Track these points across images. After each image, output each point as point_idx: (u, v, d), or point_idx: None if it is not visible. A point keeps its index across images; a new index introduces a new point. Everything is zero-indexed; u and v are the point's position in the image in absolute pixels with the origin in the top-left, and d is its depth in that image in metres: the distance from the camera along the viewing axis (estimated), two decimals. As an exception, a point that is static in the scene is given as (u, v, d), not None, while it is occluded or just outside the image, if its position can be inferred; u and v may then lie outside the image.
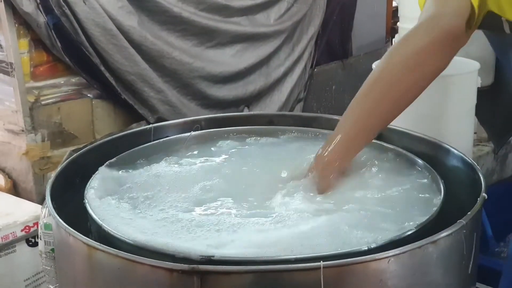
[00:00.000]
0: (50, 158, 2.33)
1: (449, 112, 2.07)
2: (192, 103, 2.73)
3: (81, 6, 2.31)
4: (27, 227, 2.10)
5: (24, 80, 2.26)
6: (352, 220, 0.96)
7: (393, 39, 3.45)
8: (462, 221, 0.91)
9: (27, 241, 2.12)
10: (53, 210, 0.95)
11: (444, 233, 0.89)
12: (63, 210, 1.01)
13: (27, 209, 2.16)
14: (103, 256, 0.86)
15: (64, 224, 0.91)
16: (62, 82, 2.39)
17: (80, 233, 0.90)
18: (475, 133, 2.67)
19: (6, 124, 2.34)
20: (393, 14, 3.88)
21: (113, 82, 2.46)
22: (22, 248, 2.11)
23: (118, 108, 2.54)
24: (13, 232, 2.07)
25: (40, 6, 2.22)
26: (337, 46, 3.55)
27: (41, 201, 2.31)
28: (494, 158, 2.81)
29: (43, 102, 2.32)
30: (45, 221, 1.32)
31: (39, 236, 1.32)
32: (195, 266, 0.80)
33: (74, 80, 2.41)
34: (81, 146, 2.36)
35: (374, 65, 2.51)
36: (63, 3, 2.27)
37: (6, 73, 2.26)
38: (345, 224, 0.94)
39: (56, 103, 2.37)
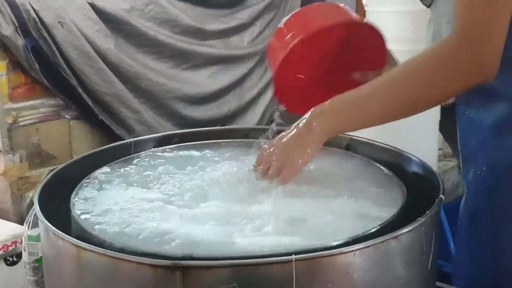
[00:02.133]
0: (28, 178, 2.38)
1: (413, 127, 2.17)
2: (168, 123, 2.80)
3: (59, 29, 2.39)
4: (5, 246, 2.14)
5: (3, 101, 2.32)
6: (320, 222, 1.03)
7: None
8: (421, 219, 0.99)
9: (5, 260, 2.15)
10: (42, 215, 1.01)
11: (404, 229, 0.97)
12: (48, 219, 1.07)
13: (5, 229, 2.20)
14: (91, 256, 0.91)
15: (53, 228, 0.97)
16: (40, 103, 2.45)
17: (65, 239, 0.96)
18: (440, 149, 2.79)
19: (-16, 145, 2.38)
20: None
21: (91, 103, 2.53)
22: (0, 268, 2.14)
23: (96, 129, 2.60)
24: (-9, 251, 2.11)
25: (18, 29, 2.29)
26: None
27: (19, 221, 2.35)
28: (459, 173, 2.92)
29: (21, 123, 2.38)
30: (29, 233, 1.37)
31: (23, 247, 1.37)
32: (177, 261, 0.87)
33: (52, 101, 2.48)
34: (59, 166, 2.42)
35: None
36: (41, 26, 2.34)
37: (-15, 95, 2.31)
38: (314, 225, 1.02)
39: (34, 124, 2.43)
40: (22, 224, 2.21)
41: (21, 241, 2.13)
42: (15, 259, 2.14)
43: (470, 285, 1.25)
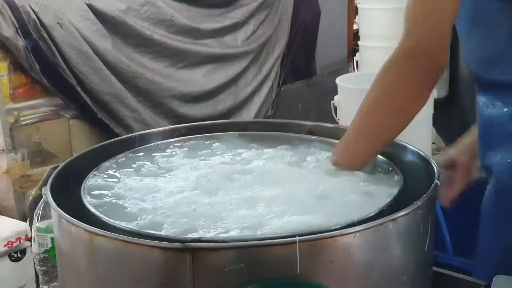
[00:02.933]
0: (30, 176, 2.42)
1: (407, 121, 2.22)
2: (165, 121, 2.85)
3: (58, 30, 2.43)
4: (9, 243, 2.18)
5: (4, 101, 2.36)
6: (327, 206, 1.08)
7: (354, 58, 3.64)
8: (418, 203, 1.04)
9: (10, 256, 2.20)
10: (54, 204, 1.05)
11: (402, 212, 1.01)
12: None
13: (9, 226, 2.24)
14: (104, 240, 0.95)
15: (66, 215, 1.01)
16: (41, 103, 2.50)
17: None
18: (433, 143, 2.85)
19: (-14, 144, 2.42)
20: (354, 36, 4.08)
21: (89, 102, 2.57)
22: (5, 263, 2.19)
23: (94, 127, 2.65)
24: (-4, 247, 2.15)
25: (19, 30, 2.33)
26: (301, 66, 3.72)
27: (21, 218, 2.39)
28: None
29: (22, 123, 2.43)
30: (38, 225, 1.41)
31: (32, 239, 1.41)
32: (187, 244, 0.91)
33: (52, 101, 2.53)
34: (60, 164, 2.46)
35: (338, 81, 2.68)
36: (41, 28, 2.38)
37: (-14, 95, 2.35)
38: (321, 210, 1.07)
39: (35, 124, 2.47)
40: (24, 221, 2.26)
41: (25, 238, 2.19)
42: (19, 255, 2.18)
43: (495, 271, 1.30)
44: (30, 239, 2.23)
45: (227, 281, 0.91)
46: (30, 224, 2.27)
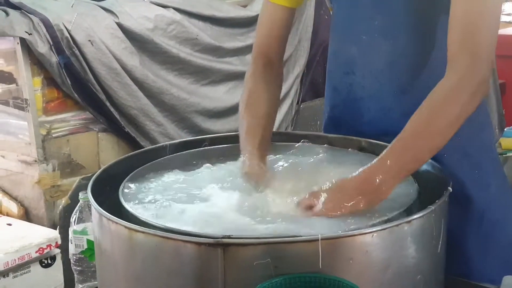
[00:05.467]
0: (60, 187, 2.53)
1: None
2: (189, 136, 2.94)
3: (89, 47, 2.55)
4: (41, 249, 2.28)
5: (37, 114, 2.48)
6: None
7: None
8: (431, 207, 1.12)
9: (41, 262, 2.30)
10: (95, 204, 1.15)
11: (416, 216, 1.09)
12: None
13: (40, 233, 2.34)
14: (142, 236, 1.04)
15: (107, 213, 1.11)
16: (71, 116, 2.62)
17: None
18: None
19: (19, 155, 2.54)
20: (372, 56, 4.16)
21: (117, 117, 2.68)
22: (36, 269, 2.29)
23: (122, 140, 2.75)
24: (28, 253, 2.25)
25: (52, 47, 2.45)
26: (320, 84, 3.79)
27: (52, 226, 2.49)
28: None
29: (54, 135, 2.54)
30: (74, 228, 1.51)
31: (69, 240, 1.50)
32: (219, 239, 1.00)
33: (82, 114, 2.64)
34: (88, 175, 2.57)
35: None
36: (73, 45, 2.50)
37: (21, 108, 2.47)
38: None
39: (65, 136, 2.59)
40: (54, 229, 2.36)
41: (55, 245, 2.29)
42: (49, 261, 2.28)
43: None
44: (59, 246, 2.34)
45: (255, 274, 0.99)
46: (60, 232, 2.38)
